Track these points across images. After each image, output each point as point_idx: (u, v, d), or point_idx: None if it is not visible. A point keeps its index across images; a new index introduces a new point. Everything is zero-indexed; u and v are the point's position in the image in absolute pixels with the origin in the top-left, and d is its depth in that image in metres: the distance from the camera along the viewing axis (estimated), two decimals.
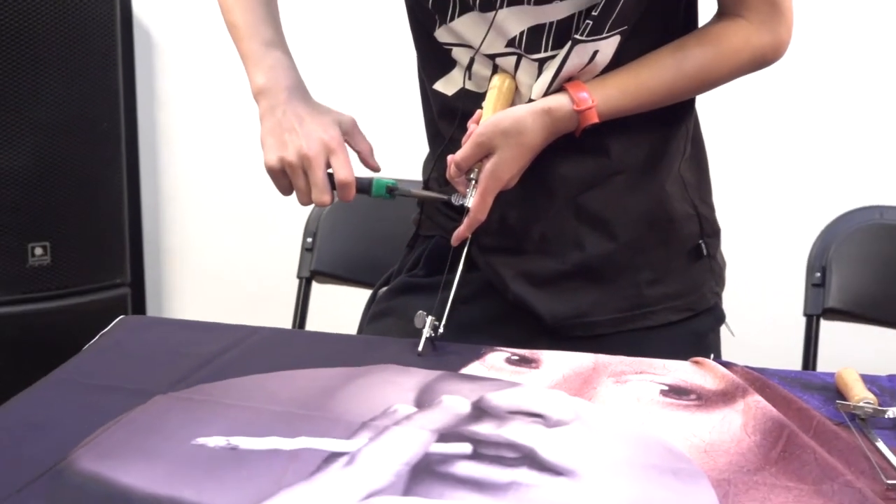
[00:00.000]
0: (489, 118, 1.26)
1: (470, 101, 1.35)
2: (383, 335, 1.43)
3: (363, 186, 1.33)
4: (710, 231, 1.44)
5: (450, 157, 1.30)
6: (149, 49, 2.97)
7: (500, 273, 1.40)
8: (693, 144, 1.42)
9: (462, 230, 1.30)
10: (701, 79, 1.31)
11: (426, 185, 1.48)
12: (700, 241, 1.42)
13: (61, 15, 2.51)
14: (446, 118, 1.40)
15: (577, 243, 1.38)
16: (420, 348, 1.25)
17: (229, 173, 2.99)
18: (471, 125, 1.30)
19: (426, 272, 1.48)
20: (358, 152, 1.37)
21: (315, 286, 1.97)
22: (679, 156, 1.40)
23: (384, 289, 1.54)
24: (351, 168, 1.31)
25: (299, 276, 1.94)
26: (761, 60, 1.33)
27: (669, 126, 1.38)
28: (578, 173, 1.36)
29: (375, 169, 1.37)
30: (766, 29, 1.30)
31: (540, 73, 1.29)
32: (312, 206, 1.89)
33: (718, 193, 1.47)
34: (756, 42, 1.31)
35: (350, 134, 1.36)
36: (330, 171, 1.30)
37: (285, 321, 1.95)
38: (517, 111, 1.26)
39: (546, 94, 1.28)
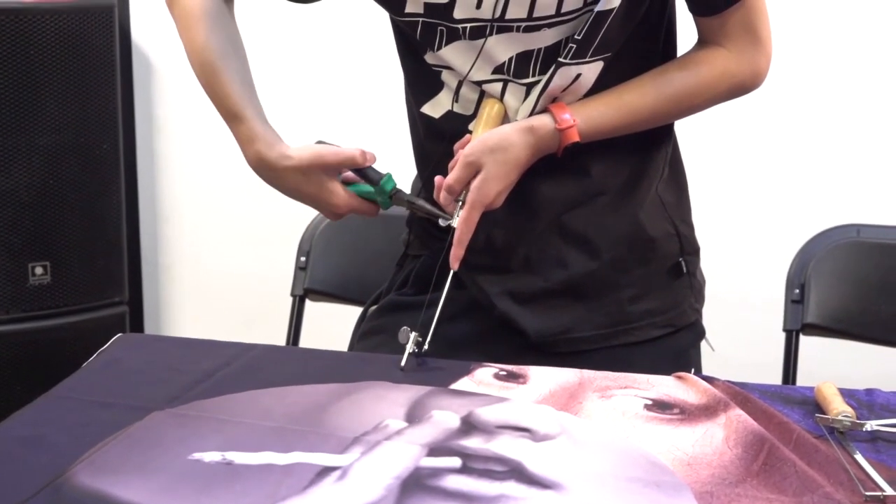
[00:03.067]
0: (477, 138, 1.26)
1: (457, 123, 1.34)
2: (373, 353, 1.41)
3: (372, 178, 1.31)
4: (690, 249, 1.43)
5: (438, 179, 1.28)
6: (147, 73, 2.97)
7: (485, 291, 1.39)
8: (672, 166, 1.42)
9: (455, 250, 1.28)
10: (681, 105, 1.31)
11: None
12: (680, 259, 1.41)
13: (61, 40, 2.52)
14: (433, 140, 1.39)
15: (561, 262, 1.37)
16: (403, 363, 1.24)
17: (225, 195, 2.98)
18: (458, 150, 1.29)
19: (415, 290, 1.46)
20: (344, 159, 1.30)
21: (308, 304, 1.96)
22: (657, 177, 1.39)
23: (373, 307, 1.52)
24: (356, 201, 1.31)
25: (293, 295, 1.93)
26: (740, 89, 1.33)
27: (649, 149, 1.38)
28: (561, 194, 1.35)
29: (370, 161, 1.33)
30: (744, 58, 1.30)
31: (527, 96, 1.28)
32: (306, 226, 1.95)
33: (700, 212, 1.47)
34: (735, 71, 1.31)
35: (321, 155, 1.29)
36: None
37: (279, 338, 1.93)
38: (503, 129, 1.26)
39: (531, 115, 1.27)
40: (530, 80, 1.27)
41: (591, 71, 1.26)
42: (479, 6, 1.24)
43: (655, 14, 1.32)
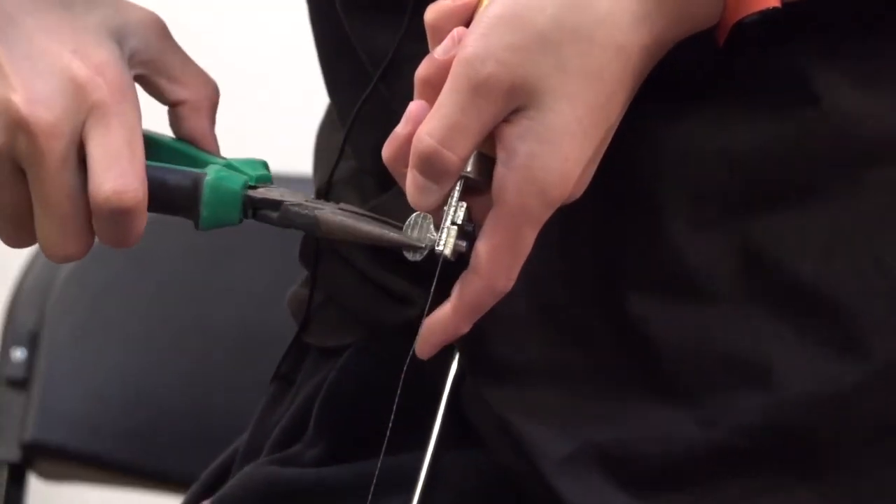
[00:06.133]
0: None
1: None
2: None
3: (178, 195, 1.11)
4: None
5: (398, 136, 1.03)
6: None
7: (532, 447, 1.12)
8: None
9: (447, 318, 1.02)
10: None
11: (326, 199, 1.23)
12: None
13: None
14: (362, 14, 1.20)
15: (753, 362, 1.13)
16: None
17: None
18: (430, 20, 1.05)
19: (325, 449, 1.23)
20: (178, 121, 1.13)
21: (36, 488, 1.82)
22: None
23: (207, 503, 1.26)
24: (137, 153, 1.08)
25: None
26: None
27: None
28: (743, 156, 1.15)
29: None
30: None
31: None
32: (23, 268, 1.98)
33: None
34: None
35: (154, 60, 1.16)
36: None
37: None
38: None
39: None
40: None
41: None
42: None
43: None
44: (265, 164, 1.13)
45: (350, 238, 1.10)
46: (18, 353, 1.80)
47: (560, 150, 1.00)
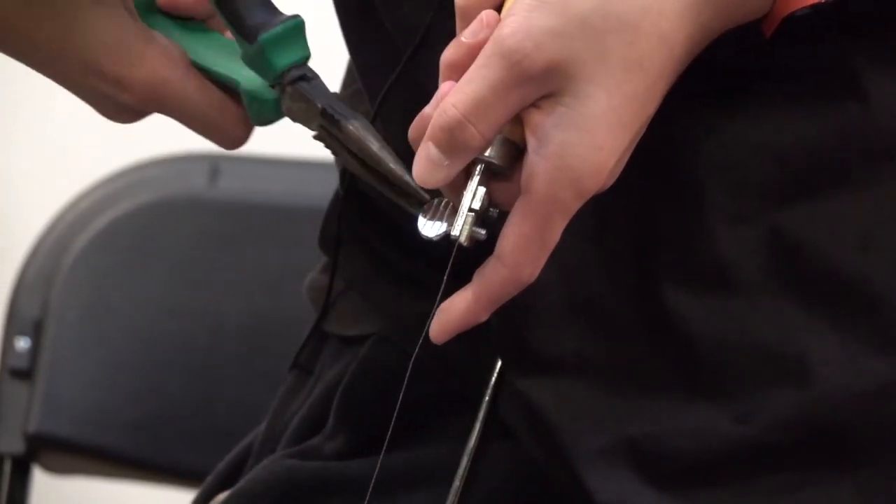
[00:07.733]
0: None
1: None
2: None
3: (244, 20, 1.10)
4: None
5: (425, 116, 1.04)
6: None
7: (562, 440, 1.17)
8: None
9: (467, 305, 1.06)
10: None
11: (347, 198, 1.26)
12: None
13: None
14: None
15: (785, 356, 1.17)
16: None
17: None
18: (465, 26, 1.06)
19: (345, 442, 1.27)
20: None
21: (41, 481, 1.87)
22: None
23: (222, 496, 1.27)
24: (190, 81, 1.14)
25: None
26: None
27: None
28: (785, 149, 1.18)
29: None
30: None
31: None
32: (40, 245, 2.05)
33: None
34: None
35: None
36: None
37: None
38: None
39: None
40: None
41: None
42: None
43: None
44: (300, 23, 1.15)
45: (361, 155, 1.11)
46: (22, 343, 1.83)
47: (594, 140, 1.03)
